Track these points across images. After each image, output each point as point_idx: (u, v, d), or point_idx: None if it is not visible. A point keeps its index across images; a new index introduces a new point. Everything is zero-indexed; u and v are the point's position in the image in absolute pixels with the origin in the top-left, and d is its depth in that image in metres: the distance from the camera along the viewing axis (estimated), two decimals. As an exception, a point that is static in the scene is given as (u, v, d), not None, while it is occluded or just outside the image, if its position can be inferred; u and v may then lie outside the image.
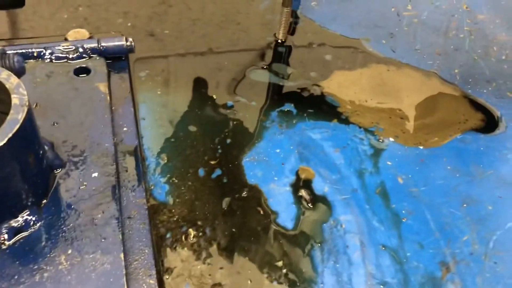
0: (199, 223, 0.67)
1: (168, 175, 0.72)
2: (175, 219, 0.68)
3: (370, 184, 0.74)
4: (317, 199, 0.71)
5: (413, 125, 0.84)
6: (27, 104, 0.54)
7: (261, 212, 0.69)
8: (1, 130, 0.52)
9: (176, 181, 0.72)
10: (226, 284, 0.61)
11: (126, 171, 0.67)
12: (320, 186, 0.73)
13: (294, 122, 0.83)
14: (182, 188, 0.71)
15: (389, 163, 0.77)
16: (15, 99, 0.54)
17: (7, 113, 0.53)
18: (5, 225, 0.60)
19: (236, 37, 0.99)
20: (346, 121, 0.83)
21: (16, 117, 0.53)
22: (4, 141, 0.52)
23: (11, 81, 0.55)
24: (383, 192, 0.73)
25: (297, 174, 0.74)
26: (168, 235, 0.66)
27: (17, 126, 0.53)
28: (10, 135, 0.52)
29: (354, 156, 0.78)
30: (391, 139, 0.81)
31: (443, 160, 0.78)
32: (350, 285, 0.62)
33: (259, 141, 0.79)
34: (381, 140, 0.80)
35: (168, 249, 0.64)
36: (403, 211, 0.71)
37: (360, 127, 0.82)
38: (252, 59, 0.94)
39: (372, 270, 0.64)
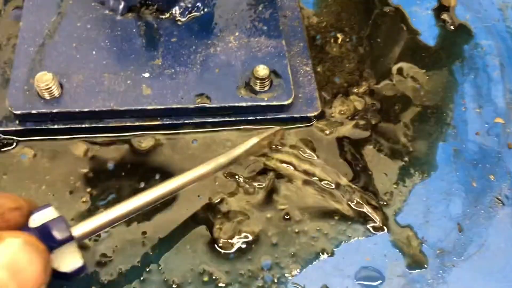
0: (346, 29, 0.71)
1: (315, -12, 0.75)
2: (323, 24, 0.72)
3: (512, 16, 0.75)
4: (459, 24, 0.73)
5: None
6: None
7: (405, 28, 0.72)
8: None
9: (324, -7, 0.75)
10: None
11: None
12: (462, 14, 0.75)
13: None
14: (329, 0, 0.75)
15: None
16: None
17: None
18: (179, 5, 0.66)
19: None
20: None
21: None
22: None
23: None
24: (526, 22, 0.74)
25: (439, 1, 0.76)
26: (318, 37, 0.70)
27: None
28: None
29: (497, -10, 0.78)
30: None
31: None
32: (489, 96, 0.66)
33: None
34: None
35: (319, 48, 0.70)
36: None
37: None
38: None
39: (511, 88, 0.67)
